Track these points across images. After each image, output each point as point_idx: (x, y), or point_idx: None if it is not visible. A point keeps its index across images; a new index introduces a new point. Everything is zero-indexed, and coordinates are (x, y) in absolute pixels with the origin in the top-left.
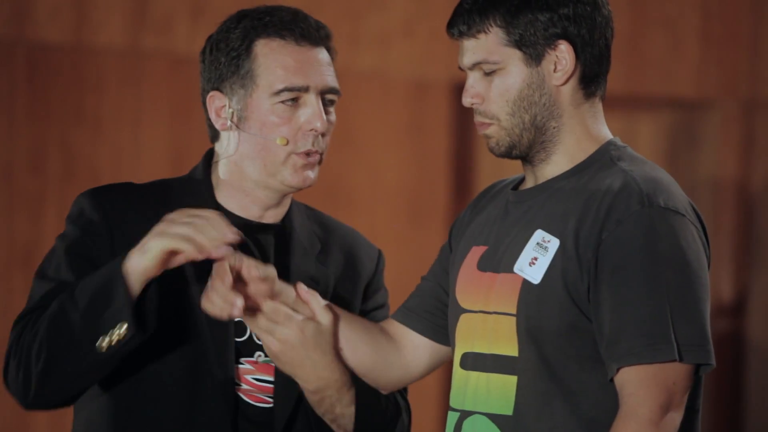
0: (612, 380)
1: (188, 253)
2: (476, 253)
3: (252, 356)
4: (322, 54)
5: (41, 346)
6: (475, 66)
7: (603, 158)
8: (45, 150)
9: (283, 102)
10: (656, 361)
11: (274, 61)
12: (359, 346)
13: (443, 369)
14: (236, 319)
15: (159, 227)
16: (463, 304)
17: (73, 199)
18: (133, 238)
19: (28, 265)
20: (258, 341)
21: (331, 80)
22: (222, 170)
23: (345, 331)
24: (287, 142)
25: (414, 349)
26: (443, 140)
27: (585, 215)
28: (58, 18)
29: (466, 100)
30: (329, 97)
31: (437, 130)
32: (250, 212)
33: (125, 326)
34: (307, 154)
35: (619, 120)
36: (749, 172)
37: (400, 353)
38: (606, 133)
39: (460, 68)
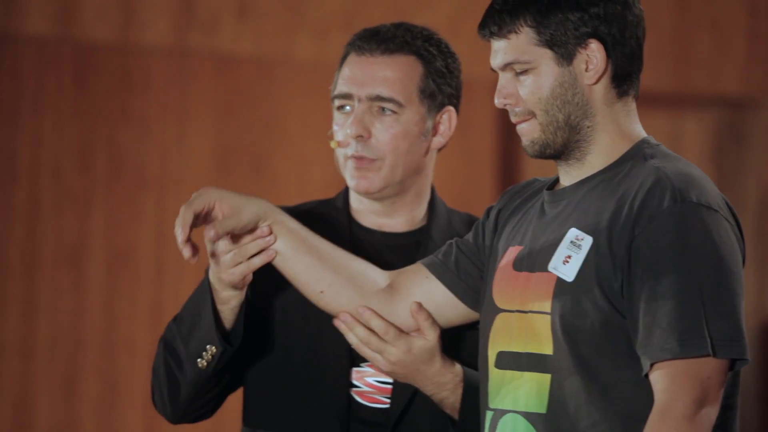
0: (647, 376)
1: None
2: (512, 253)
3: None
4: (384, 64)
5: (165, 370)
6: (507, 66)
7: (636, 156)
8: (92, 149)
9: (338, 109)
10: (689, 356)
11: (341, 70)
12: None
13: None
14: None
15: None
16: (500, 304)
17: (120, 197)
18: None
19: (75, 264)
20: None
21: (378, 89)
22: None
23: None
24: (338, 145)
25: (425, 300)
26: (489, 139)
27: (618, 212)
28: (104, 17)
29: (499, 101)
30: (382, 105)
31: (483, 130)
32: (376, 222)
33: (214, 348)
34: (354, 158)
35: (666, 119)
36: None
37: (391, 300)
38: (639, 132)
39: (492, 69)
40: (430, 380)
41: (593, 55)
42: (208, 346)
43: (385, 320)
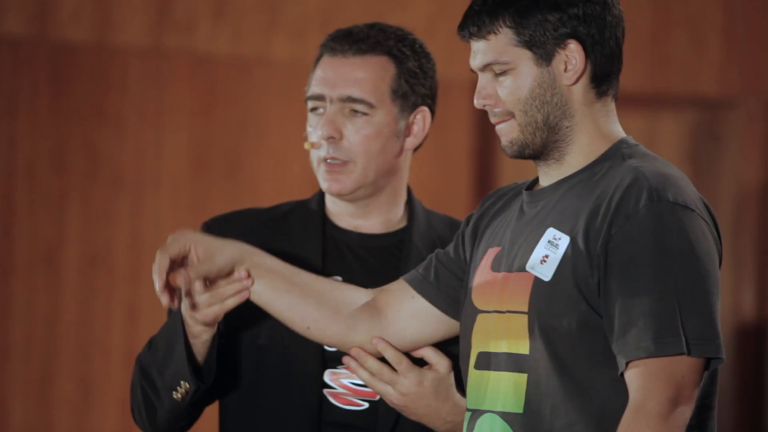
0: (622, 375)
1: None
2: (491, 254)
3: None
4: (355, 65)
5: (141, 394)
6: (486, 67)
7: (614, 156)
8: (68, 150)
9: (311, 111)
10: (664, 354)
11: (314, 73)
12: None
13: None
14: None
15: None
16: (479, 305)
17: (96, 198)
18: None
19: (50, 264)
20: None
21: (349, 90)
22: None
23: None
24: (311, 146)
25: (412, 318)
26: (465, 140)
27: (595, 212)
28: (80, 18)
29: (478, 102)
30: (353, 106)
31: (459, 131)
32: (352, 224)
33: (187, 384)
34: (326, 160)
35: (642, 119)
36: None
37: (377, 320)
38: (619, 132)
39: (471, 70)
40: (443, 419)
41: (572, 56)
42: (182, 382)
43: (399, 351)
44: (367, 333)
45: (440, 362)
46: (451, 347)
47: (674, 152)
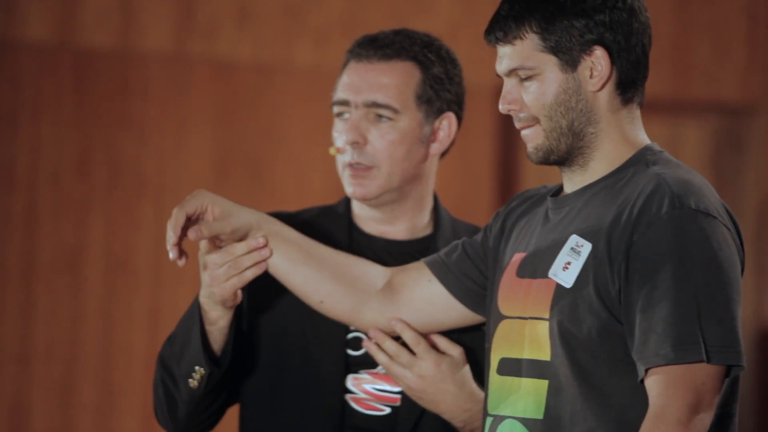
0: (642, 382)
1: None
2: (517, 259)
3: (374, 368)
4: (380, 70)
5: (163, 389)
6: (512, 72)
7: (638, 163)
8: (91, 156)
9: (337, 116)
10: (683, 361)
11: (340, 79)
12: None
13: None
14: (351, 335)
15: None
16: (503, 311)
17: (118, 204)
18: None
19: (72, 270)
20: None
21: (374, 96)
22: None
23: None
24: (336, 152)
25: (426, 302)
26: (488, 146)
27: (617, 218)
28: (104, 24)
29: (503, 107)
30: (378, 112)
31: (482, 136)
32: (378, 230)
33: (202, 369)
34: (351, 165)
35: (664, 125)
36: None
37: (389, 300)
38: (643, 139)
39: (497, 74)
40: (461, 406)
41: (598, 62)
42: (196, 368)
43: (417, 332)
44: (379, 311)
45: (451, 348)
46: (462, 336)
47: (696, 159)
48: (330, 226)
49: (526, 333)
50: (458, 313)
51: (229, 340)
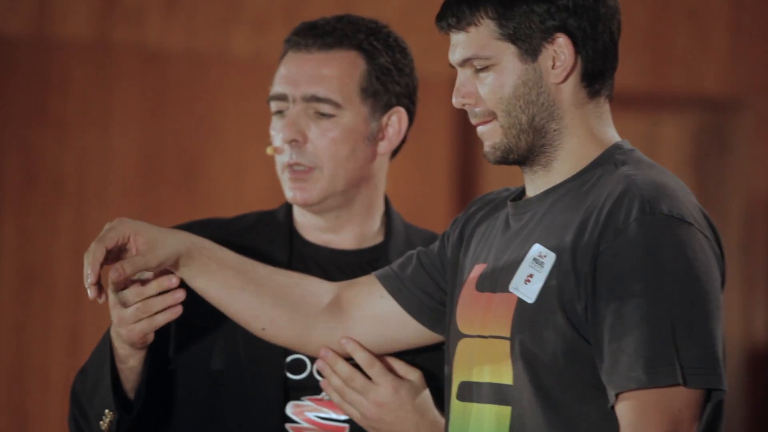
0: (613, 408)
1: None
2: (476, 272)
3: (317, 394)
4: (321, 61)
5: (75, 426)
6: (466, 62)
7: (606, 163)
8: (2, 154)
9: (275, 113)
10: (657, 385)
11: (277, 71)
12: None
13: None
14: (291, 358)
15: None
16: (462, 329)
17: (34, 208)
18: None
19: None
20: (322, 378)
21: (313, 89)
22: None
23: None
24: (274, 151)
25: (379, 320)
26: (444, 143)
27: (583, 225)
28: (17, 7)
29: (457, 101)
30: (318, 107)
31: (438, 132)
32: (322, 238)
33: (111, 413)
34: (290, 166)
35: (639, 121)
36: None
37: (339, 318)
38: (613, 136)
39: (450, 65)
40: None
41: (560, 51)
42: (106, 411)
43: (370, 353)
44: (327, 334)
45: (410, 372)
46: (419, 358)
47: (676, 158)
48: (269, 235)
49: (486, 353)
50: (415, 332)
51: (142, 380)
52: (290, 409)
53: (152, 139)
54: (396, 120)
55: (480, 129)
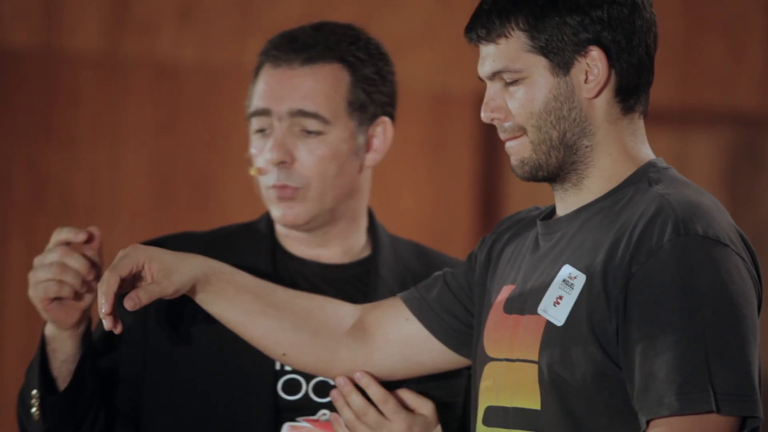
0: None
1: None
2: (504, 293)
3: (314, 415)
4: (305, 76)
5: (19, 417)
6: (496, 75)
7: (640, 181)
8: (10, 171)
9: (257, 132)
10: (690, 412)
11: (255, 87)
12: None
13: None
14: (285, 378)
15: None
16: (489, 352)
17: (42, 228)
18: (171, 300)
19: None
20: (319, 399)
21: (300, 103)
22: None
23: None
24: (257, 172)
25: (404, 344)
26: (467, 160)
27: (615, 246)
28: (25, 18)
29: (485, 115)
30: (305, 124)
31: (460, 148)
32: (310, 253)
33: (35, 391)
34: (277, 188)
35: (671, 138)
36: None
37: (363, 343)
38: (647, 154)
39: (479, 78)
40: None
41: (594, 65)
42: (33, 392)
43: (384, 389)
44: (351, 359)
45: (423, 405)
46: (435, 391)
47: (708, 176)
48: (251, 247)
49: (514, 378)
50: (441, 355)
51: (76, 383)
52: (286, 430)
53: (165, 156)
54: (381, 131)
55: (509, 144)
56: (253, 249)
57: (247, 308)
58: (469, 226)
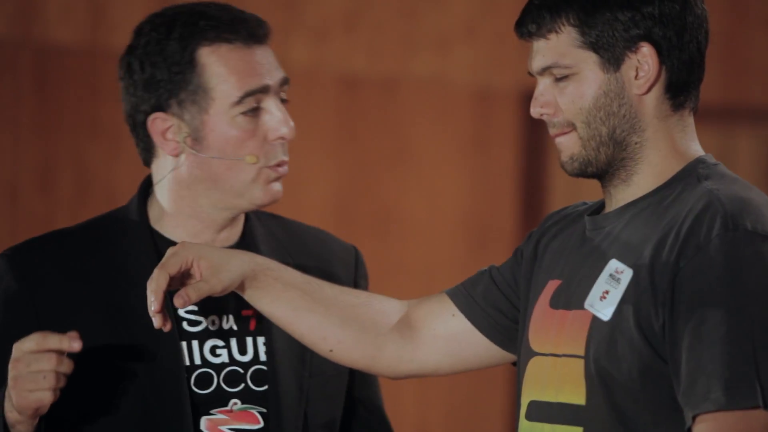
0: (690, 430)
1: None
2: (550, 288)
3: (226, 405)
4: (270, 52)
5: None
6: (545, 71)
7: (689, 177)
8: (55, 167)
9: (244, 113)
10: (737, 407)
11: (226, 68)
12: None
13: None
14: (197, 372)
15: (9, 382)
16: (534, 347)
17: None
18: (60, 303)
19: None
20: (230, 389)
21: (282, 71)
22: (167, 198)
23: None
24: (257, 159)
25: (450, 340)
26: (510, 157)
27: (663, 241)
28: (70, 16)
29: (535, 110)
30: (284, 95)
31: (504, 145)
32: (201, 238)
33: None
34: (278, 165)
35: (715, 135)
36: None
37: (409, 339)
38: (696, 150)
39: (529, 73)
40: None
41: (644, 61)
42: None
43: None
44: (397, 355)
45: None
46: (322, 365)
47: (752, 173)
48: (129, 237)
49: (559, 373)
50: (487, 351)
51: None
52: (204, 425)
53: None
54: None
55: (558, 140)
56: (133, 237)
57: (294, 304)
58: (512, 223)
